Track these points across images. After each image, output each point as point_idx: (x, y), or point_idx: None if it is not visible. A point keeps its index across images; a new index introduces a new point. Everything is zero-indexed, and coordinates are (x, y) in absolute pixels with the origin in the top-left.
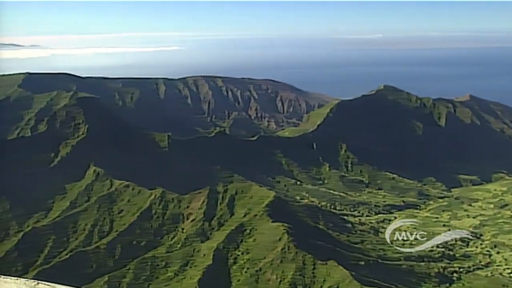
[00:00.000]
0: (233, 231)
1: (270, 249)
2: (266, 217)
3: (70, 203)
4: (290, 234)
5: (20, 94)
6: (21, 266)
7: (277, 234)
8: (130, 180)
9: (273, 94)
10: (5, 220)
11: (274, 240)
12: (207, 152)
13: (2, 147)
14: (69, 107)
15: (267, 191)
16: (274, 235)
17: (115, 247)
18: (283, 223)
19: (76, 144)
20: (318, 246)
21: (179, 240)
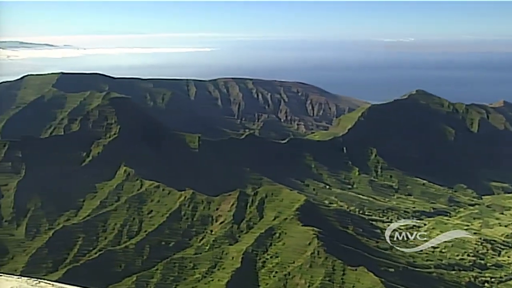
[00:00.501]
0: (263, 234)
1: (299, 253)
2: (296, 221)
3: (101, 202)
4: (320, 239)
5: (54, 93)
6: (51, 263)
7: (307, 238)
8: (160, 181)
9: (303, 97)
10: (37, 217)
11: (304, 244)
12: (237, 154)
13: (35, 145)
14: (102, 107)
15: (297, 195)
16: (304, 239)
17: (143, 247)
18: (313, 227)
19: (107, 143)
20: (347, 252)
21: (207, 242)
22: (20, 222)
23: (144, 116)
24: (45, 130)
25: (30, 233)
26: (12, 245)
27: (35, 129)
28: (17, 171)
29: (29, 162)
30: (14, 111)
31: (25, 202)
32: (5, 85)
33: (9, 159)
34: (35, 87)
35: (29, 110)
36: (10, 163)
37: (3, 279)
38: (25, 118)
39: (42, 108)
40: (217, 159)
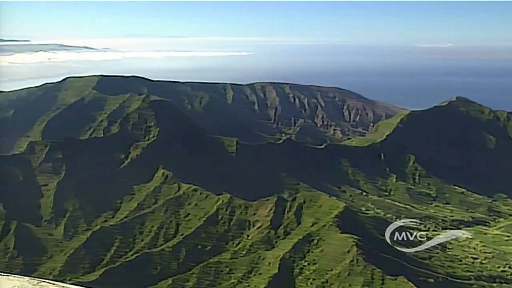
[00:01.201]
0: (300, 241)
1: (337, 260)
2: (334, 228)
3: (138, 205)
4: (359, 247)
5: (94, 95)
6: (88, 264)
7: (346, 246)
8: (197, 184)
9: (340, 102)
10: (75, 217)
11: (343, 252)
12: (274, 159)
13: (76, 146)
14: (142, 110)
15: (336, 201)
16: (343, 247)
17: (180, 250)
18: (352, 234)
19: (146, 146)
20: (386, 260)
21: (244, 246)
22: (58, 222)
23: (182, 119)
24: (85, 131)
25: (68, 233)
26: (50, 244)
27: (74, 131)
28: (57, 172)
29: (69, 163)
30: (54, 113)
31: (64, 202)
32: (46, 86)
33: (50, 160)
34: (76, 89)
35: (69, 111)
36: (50, 163)
37: (5, 279)
38: (66, 119)
39: (82, 110)
40: (254, 163)
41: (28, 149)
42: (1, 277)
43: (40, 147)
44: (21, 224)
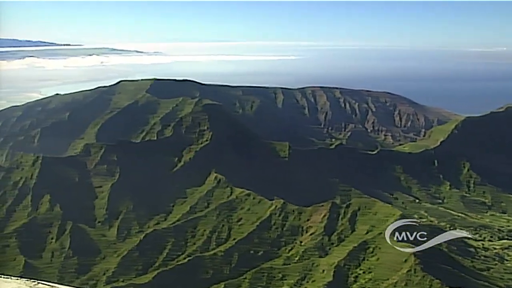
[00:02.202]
0: (355, 248)
1: (394, 270)
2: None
3: (190, 208)
4: (416, 256)
5: (148, 99)
6: (141, 266)
7: (403, 255)
8: (249, 188)
9: (391, 107)
10: (128, 219)
11: (400, 261)
12: (326, 164)
13: (130, 149)
14: (195, 114)
15: (392, 209)
16: (400, 256)
17: (232, 255)
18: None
19: (199, 150)
20: (444, 271)
21: (297, 253)
22: (112, 224)
23: (235, 123)
24: (138, 134)
25: (121, 235)
26: (103, 245)
27: (128, 134)
28: (112, 174)
29: (123, 165)
30: (108, 116)
31: (117, 204)
32: (100, 90)
33: (105, 162)
34: (129, 93)
35: (122, 114)
36: (105, 166)
37: (2, 281)
38: (119, 122)
39: (135, 113)
40: (307, 168)
41: (84, 151)
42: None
43: (95, 150)
44: (76, 224)
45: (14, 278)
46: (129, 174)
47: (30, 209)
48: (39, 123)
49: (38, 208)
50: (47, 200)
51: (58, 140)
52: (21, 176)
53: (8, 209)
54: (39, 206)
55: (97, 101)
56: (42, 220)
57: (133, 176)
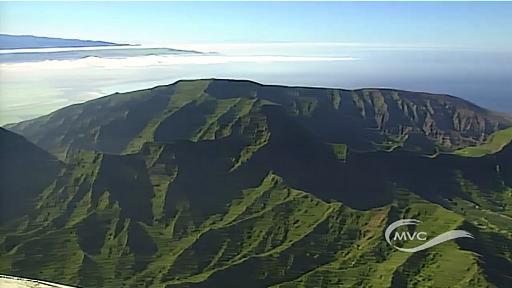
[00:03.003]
0: (415, 255)
1: (456, 278)
2: (453, 243)
3: (247, 209)
4: (480, 265)
5: (206, 98)
6: (196, 265)
7: (466, 264)
8: (306, 190)
9: (450, 110)
10: (184, 218)
11: (462, 269)
12: (384, 167)
13: (188, 148)
14: (254, 114)
15: (454, 215)
16: (462, 264)
17: (288, 257)
18: (472, 251)
19: (257, 150)
20: (507, 282)
21: (353, 257)
22: (168, 222)
23: (293, 124)
24: (195, 134)
25: (177, 233)
26: (160, 243)
27: (185, 133)
28: (170, 173)
29: (181, 164)
30: (166, 115)
31: (174, 203)
32: (158, 89)
33: (163, 161)
34: (187, 92)
35: (180, 114)
36: (163, 164)
37: (3, 281)
38: (177, 121)
39: (193, 112)
40: (364, 171)
41: (143, 150)
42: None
43: (155, 148)
44: (134, 222)
45: (15, 278)
46: (186, 173)
47: (90, 205)
48: (99, 121)
49: (98, 204)
50: (106, 197)
51: (117, 138)
52: (82, 173)
53: (69, 204)
54: (99, 202)
55: (155, 100)
56: (101, 217)
57: (190, 175)
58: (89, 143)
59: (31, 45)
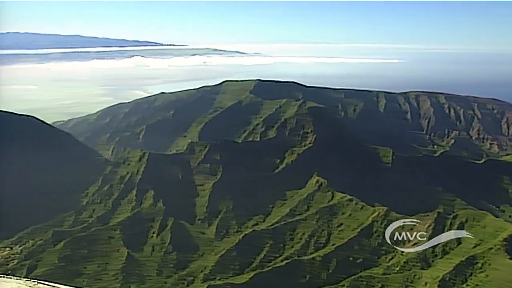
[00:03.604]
0: (462, 262)
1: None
2: (502, 252)
3: (290, 211)
4: None
5: (251, 99)
6: (238, 266)
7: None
8: (351, 193)
9: (498, 115)
10: (227, 218)
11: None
12: (430, 172)
13: (233, 149)
14: (300, 116)
15: (504, 223)
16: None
17: (330, 260)
18: None
19: (302, 152)
20: None
21: (398, 262)
22: (211, 222)
23: (338, 126)
24: (240, 134)
25: (219, 233)
26: (202, 243)
27: (230, 133)
28: (214, 173)
29: (226, 165)
30: (212, 115)
31: (218, 203)
32: (204, 89)
33: (208, 161)
34: (233, 93)
35: (226, 114)
36: (208, 164)
37: (2, 281)
38: (222, 122)
39: (239, 113)
40: (410, 175)
41: (188, 149)
42: None
43: (200, 148)
44: (177, 221)
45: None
46: (231, 174)
47: (134, 203)
48: (144, 120)
49: (142, 202)
50: (151, 196)
51: (162, 137)
52: (128, 171)
53: (114, 202)
54: (143, 201)
55: (201, 100)
56: (145, 215)
57: (234, 175)
58: (134, 141)
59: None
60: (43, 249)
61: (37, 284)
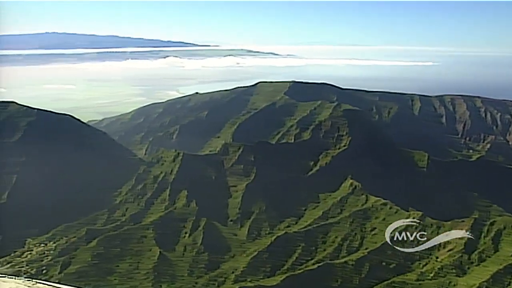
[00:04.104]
0: (500, 271)
1: None
2: None
3: (323, 213)
4: None
5: (286, 101)
6: (269, 268)
7: None
8: (385, 197)
9: None
10: (259, 220)
11: None
12: (466, 177)
13: (267, 150)
14: (335, 118)
15: None
16: None
17: (363, 265)
18: None
19: (336, 155)
20: None
21: (432, 269)
22: (243, 223)
23: (373, 129)
24: (273, 136)
25: (251, 235)
26: (234, 244)
27: (263, 135)
28: (247, 174)
29: (260, 166)
30: (245, 116)
31: (250, 204)
32: (238, 90)
33: (242, 162)
34: (267, 94)
35: (260, 115)
36: (242, 165)
37: (1, 280)
38: (256, 123)
39: (272, 114)
40: (445, 180)
41: (222, 150)
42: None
43: (234, 149)
44: (209, 221)
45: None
46: (264, 175)
47: (167, 203)
48: (178, 120)
49: (175, 202)
50: (184, 196)
51: (195, 137)
52: (161, 170)
53: (147, 201)
54: (176, 201)
55: (234, 101)
56: (178, 215)
57: (268, 177)
58: (168, 141)
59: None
60: (77, 246)
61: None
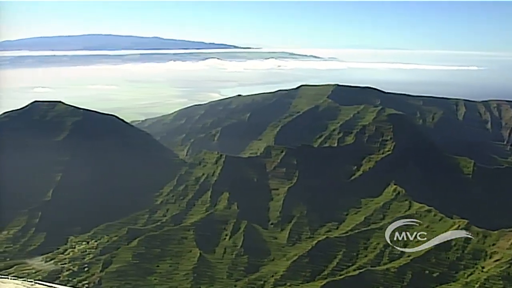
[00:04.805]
0: None
1: None
2: None
3: (365, 219)
4: None
5: (329, 104)
6: (309, 273)
7: None
8: (429, 204)
9: None
10: (300, 224)
11: None
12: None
13: (310, 154)
14: (379, 123)
15: None
16: None
17: (405, 272)
18: None
19: (380, 160)
20: None
21: (477, 279)
22: (284, 227)
23: (418, 135)
24: (315, 139)
25: (292, 239)
26: (274, 248)
27: (306, 138)
28: (289, 177)
29: (302, 169)
30: (287, 119)
31: (291, 208)
32: (280, 93)
33: (284, 165)
34: (310, 97)
35: (302, 119)
36: (284, 168)
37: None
38: (298, 126)
39: (315, 118)
40: (491, 188)
41: (264, 153)
42: None
43: (276, 152)
44: (250, 224)
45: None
46: (306, 179)
47: (208, 204)
48: (220, 122)
49: (217, 204)
50: (225, 198)
51: (237, 139)
52: (203, 172)
53: (188, 202)
54: (218, 202)
55: (277, 104)
56: (219, 217)
57: (310, 181)
58: (209, 143)
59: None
60: (118, 245)
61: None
